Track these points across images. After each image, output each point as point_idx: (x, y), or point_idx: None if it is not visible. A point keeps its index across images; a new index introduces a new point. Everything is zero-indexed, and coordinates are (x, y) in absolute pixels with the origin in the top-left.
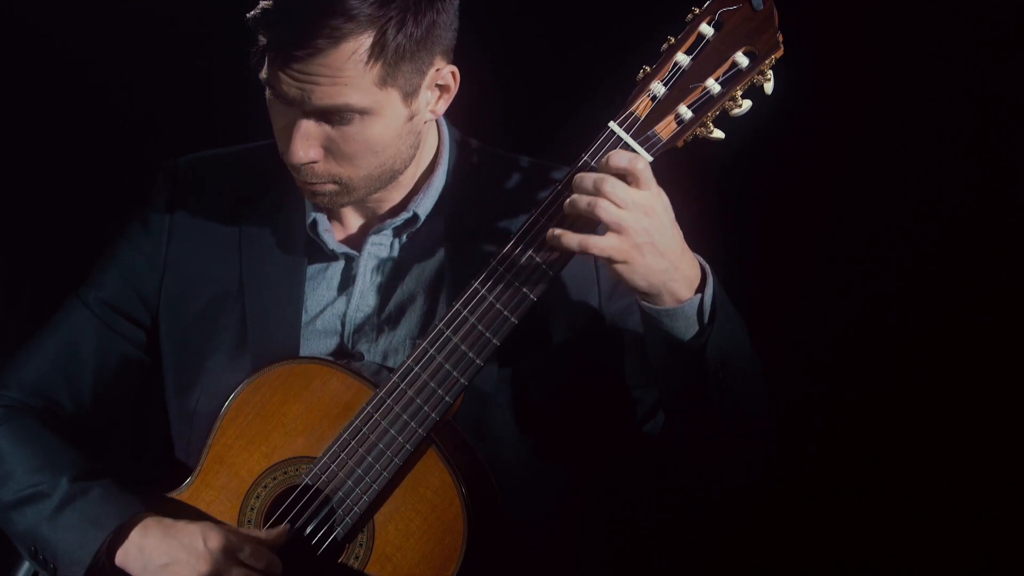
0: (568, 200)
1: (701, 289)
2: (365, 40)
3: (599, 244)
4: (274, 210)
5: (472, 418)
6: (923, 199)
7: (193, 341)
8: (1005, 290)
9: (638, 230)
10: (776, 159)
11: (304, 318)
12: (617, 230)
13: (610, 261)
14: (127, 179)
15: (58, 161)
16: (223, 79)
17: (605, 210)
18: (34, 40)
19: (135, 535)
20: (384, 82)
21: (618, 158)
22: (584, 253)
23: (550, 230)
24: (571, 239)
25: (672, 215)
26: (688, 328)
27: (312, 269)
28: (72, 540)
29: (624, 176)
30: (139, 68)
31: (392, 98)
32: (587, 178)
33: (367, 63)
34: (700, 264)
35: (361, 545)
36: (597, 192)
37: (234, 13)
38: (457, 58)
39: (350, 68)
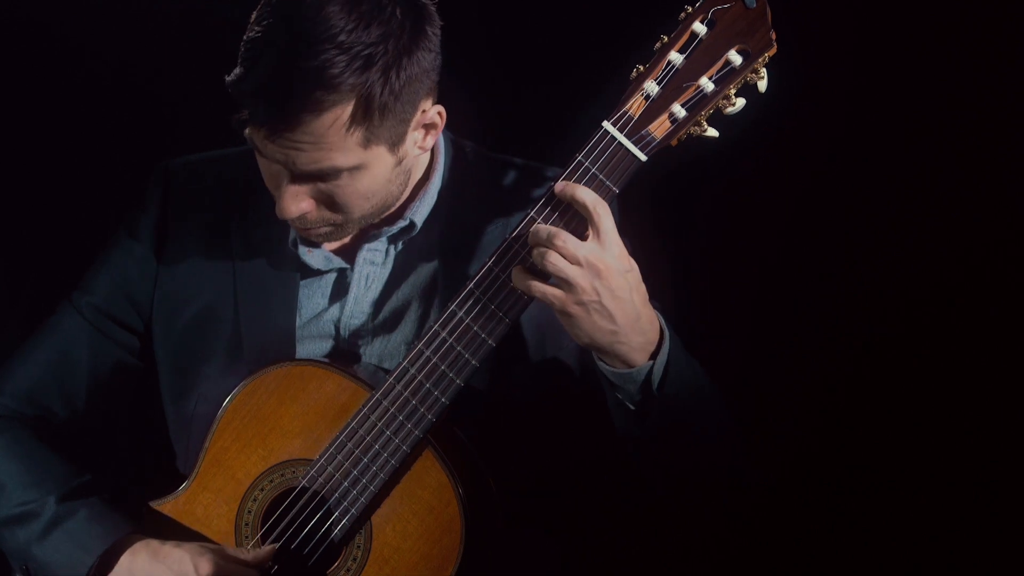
0: (532, 230)
1: (655, 355)
2: (347, 108)
3: (541, 289)
4: (267, 215)
5: (468, 418)
6: (918, 196)
7: (188, 346)
8: (1007, 293)
9: (586, 288)
10: (771, 156)
11: (299, 322)
12: (561, 285)
13: (554, 309)
14: (126, 180)
15: (57, 162)
16: (221, 79)
17: (552, 264)
18: (33, 41)
19: (125, 560)
20: (368, 142)
21: (583, 193)
22: (528, 293)
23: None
24: (519, 279)
25: (634, 278)
26: (632, 395)
27: (306, 276)
28: (61, 563)
29: (585, 214)
30: (138, 69)
31: (378, 152)
32: (541, 230)
33: (348, 130)
34: (660, 327)
35: (359, 547)
36: (549, 245)
37: (231, 13)
38: (453, 58)
39: (332, 135)
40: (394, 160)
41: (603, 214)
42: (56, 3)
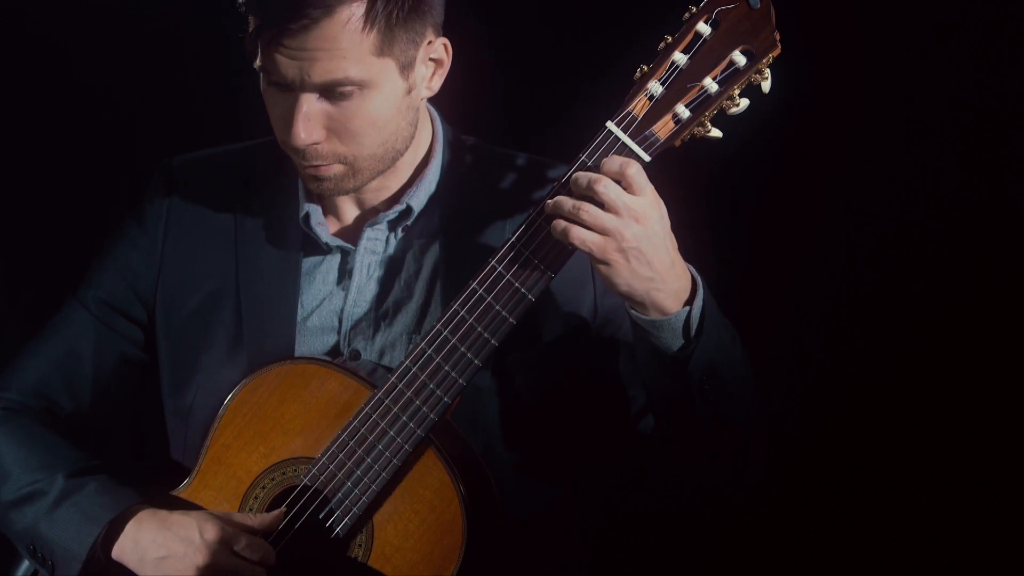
0: (553, 200)
1: (691, 302)
2: (357, 8)
3: (581, 236)
4: (269, 207)
5: (468, 416)
6: (922, 198)
7: (189, 338)
8: (1007, 294)
9: (626, 235)
10: (774, 157)
11: (301, 313)
12: (602, 232)
13: (593, 258)
14: (125, 180)
15: (57, 162)
16: (218, 81)
17: (587, 212)
18: (33, 42)
19: (130, 528)
20: (380, 51)
21: (610, 163)
22: (567, 242)
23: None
24: (558, 225)
25: (667, 225)
26: (673, 340)
27: (307, 264)
28: (68, 536)
29: (618, 181)
30: (136, 70)
31: (389, 69)
32: (582, 177)
33: (362, 30)
34: (692, 276)
35: (360, 546)
36: (590, 191)
37: (229, 15)
38: (454, 57)
39: (345, 38)
40: (404, 87)
41: (636, 172)
42: (56, 3)
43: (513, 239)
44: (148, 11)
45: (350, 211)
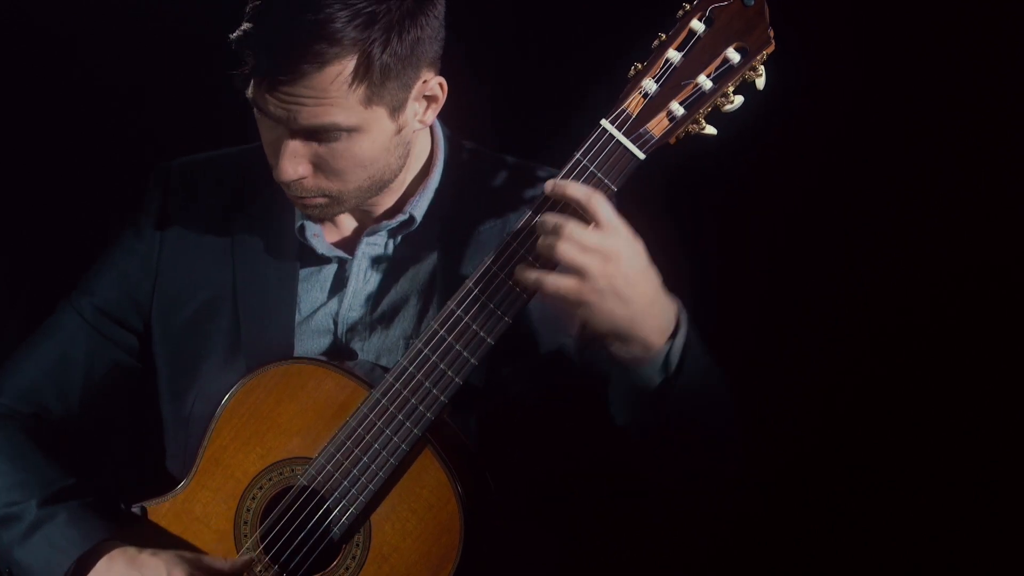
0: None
1: (674, 336)
2: (349, 63)
3: (555, 283)
4: (266, 212)
5: (465, 415)
6: (917, 194)
7: (187, 345)
8: (1007, 293)
9: (598, 275)
10: (769, 154)
11: (297, 318)
12: (576, 273)
13: (567, 303)
14: (126, 181)
15: (58, 162)
16: (220, 81)
17: (564, 252)
18: (35, 43)
19: (101, 566)
20: (370, 101)
21: (574, 189)
22: (543, 291)
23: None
24: (529, 275)
25: (643, 261)
26: (652, 377)
27: (304, 273)
28: (39, 566)
29: (582, 209)
30: (137, 71)
31: (379, 115)
32: (548, 221)
33: (351, 85)
34: (677, 309)
35: (358, 545)
36: (557, 234)
37: (230, 16)
38: (449, 58)
39: (335, 90)
40: (394, 127)
41: (599, 204)
42: (56, 3)
43: (509, 239)
44: (149, 10)
45: (347, 221)
